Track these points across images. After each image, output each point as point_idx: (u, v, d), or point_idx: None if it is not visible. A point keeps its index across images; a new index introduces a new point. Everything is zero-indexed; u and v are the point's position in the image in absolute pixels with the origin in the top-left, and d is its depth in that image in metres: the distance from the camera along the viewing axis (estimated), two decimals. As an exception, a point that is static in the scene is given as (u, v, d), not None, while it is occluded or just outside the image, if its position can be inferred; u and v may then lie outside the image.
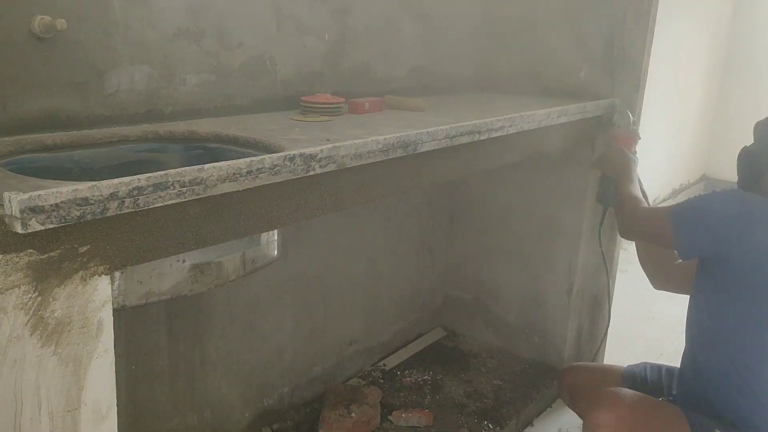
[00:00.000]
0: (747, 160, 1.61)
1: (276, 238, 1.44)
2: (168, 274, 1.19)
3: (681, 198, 4.44)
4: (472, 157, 1.67)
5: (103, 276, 0.91)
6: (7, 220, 0.80)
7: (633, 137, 2.17)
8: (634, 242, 2.06)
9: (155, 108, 1.52)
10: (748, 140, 1.67)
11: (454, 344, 2.72)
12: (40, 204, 0.80)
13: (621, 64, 2.28)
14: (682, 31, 4.29)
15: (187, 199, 0.98)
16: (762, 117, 1.68)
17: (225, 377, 1.92)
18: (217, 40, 1.62)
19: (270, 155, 1.11)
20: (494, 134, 1.67)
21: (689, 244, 1.59)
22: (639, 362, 1.97)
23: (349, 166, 1.26)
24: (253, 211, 1.13)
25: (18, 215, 0.78)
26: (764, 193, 1.57)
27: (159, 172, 0.93)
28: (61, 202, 0.82)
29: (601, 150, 2.19)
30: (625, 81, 2.29)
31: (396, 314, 2.60)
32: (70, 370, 0.90)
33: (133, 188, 0.89)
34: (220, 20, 1.62)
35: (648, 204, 1.99)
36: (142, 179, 0.90)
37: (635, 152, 2.14)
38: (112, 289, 0.94)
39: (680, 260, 1.73)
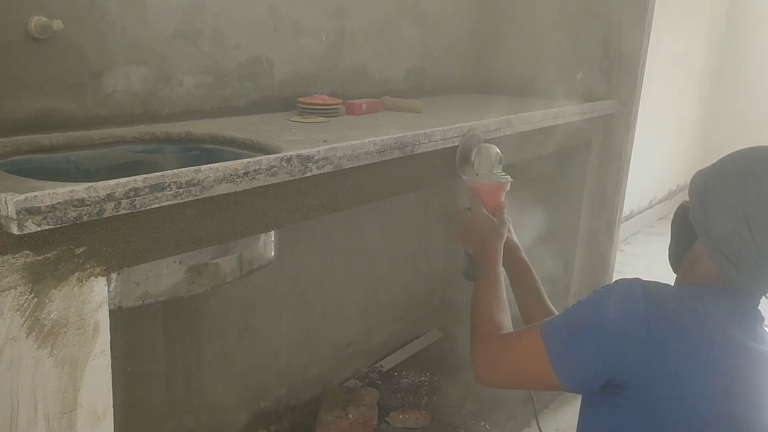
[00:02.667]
0: (679, 217, 1.20)
1: (273, 239, 1.44)
2: (164, 276, 1.19)
3: (678, 200, 4.46)
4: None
5: (99, 277, 0.91)
6: (2, 221, 0.80)
7: (499, 188, 1.47)
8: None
9: (152, 109, 1.52)
10: (744, 142, 1.41)
11: (451, 346, 2.72)
12: (36, 205, 0.80)
13: (618, 66, 2.28)
14: (679, 33, 4.30)
15: (183, 201, 0.97)
16: (746, 143, 1.24)
17: (222, 379, 1.91)
18: (213, 42, 1.62)
19: (267, 156, 1.11)
20: (491, 136, 1.67)
21: (577, 376, 1.08)
22: None
23: (346, 167, 1.26)
24: (250, 213, 1.13)
25: (14, 216, 0.78)
26: (686, 277, 1.15)
27: (155, 174, 0.93)
28: (58, 203, 0.82)
29: (458, 211, 1.51)
30: (621, 82, 2.29)
31: (393, 316, 2.60)
32: (66, 371, 0.89)
33: (130, 189, 0.89)
34: (216, 21, 1.62)
35: (538, 284, 1.47)
36: (138, 180, 0.90)
37: (504, 207, 1.47)
38: (109, 291, 0.94)
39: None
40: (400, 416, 2.16)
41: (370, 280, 2.43)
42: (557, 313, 1.33)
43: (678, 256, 1.18)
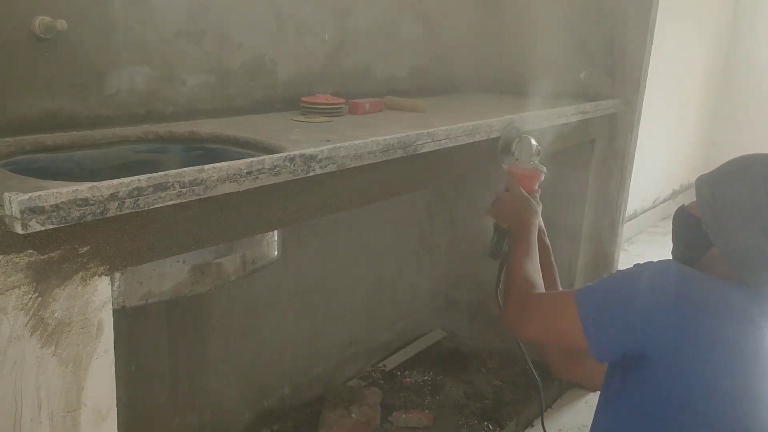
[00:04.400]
0: (688, 226, 1.21)
1: (276, 238, 1.44)
2: (168, 275, 1.19)
3: (681, 200, 4.45)
4: (472, 157, 1.67)
5: (103, 276, 0.91)
6: (7, 220, 0.80)
7: (536, 174, 1.61)
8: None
9: (155, 108, 1.52)
10: (748, 142, 1.52)
11: (455, 345, 2.72)
12: (40, 204, 0.80)
13: (621, 65, 2.28)
14: (683, 32, 4.29)
15: (187, 200, 0.97)
16: (747, 149, 1.25)
17: (225, 378, 1.92)
18: (217, 41, 1.62)
19: (270, 156, 1.11)
20: (494, 135, 1.67)
21: (605, 342, 1.13)
22: None
23: (350, 166, 1.26)
24: (253, 212, 1.13)
25: (18, 216, 0.78)
26: (707, 270, 1.18)
27: (159, 173, 0.93)
28: (62, 202, 0.82)
29: (495, 192, 1.61)
30: (625, 82, 2.29)
31: (396, 315, 2.60)
32: (70, 370, 0.90)
33: (134, 189, 0.89)
34: (220, 21, 1.62)
35: (554, 269, 1.55)
36: (142, 180, 0.90)
37: (538, 193, 1.60)
38: (112, 290, 0.94)
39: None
40: (403, 416, 2.16)
41: (374, 280, 2.43)
42: None
43: (689, 262, 1.20)
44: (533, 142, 1.64)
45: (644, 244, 4.21)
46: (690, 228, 1.21)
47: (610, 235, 2.39)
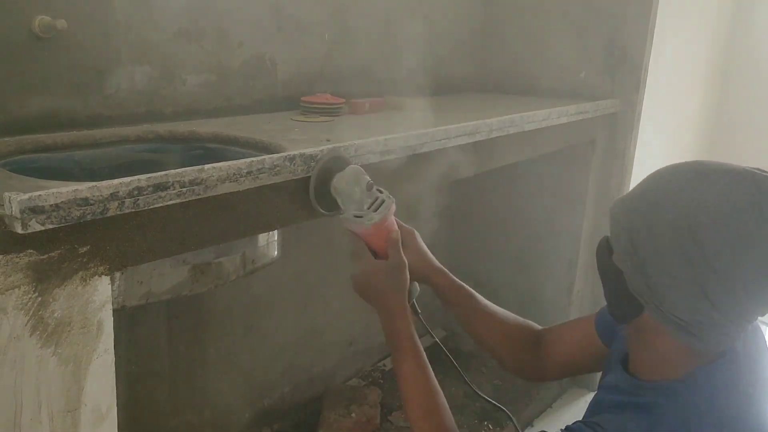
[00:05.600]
0: (613, 278, 0.96)
1: (276, 238, 1.44)
2: (168, 275, 1.19)
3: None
4: (472, 157, 1.67)
5: (103, 276, 0.91)
6: (7, 220, 0.80)
7: (381, 226, 1.13)
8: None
9: (155, 108, 1.52)
10: (748, 142, 1.20)
11: (455, 344, 2.72)
12: (40, 204, 0.80)
13: (621, 65, 2.28)
14: (684, 31, 4.28)
15: (187, 200, 0.97)
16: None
17: (225, 377, 1.92)
18: (217, 41, 1.62)
19: (270, 155, 1.11)
20: (494, 134, 1.67)
21: None
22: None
23: (350, 166, 1.25)
24: (253, 212, 1.13)
25: (18, 215, 0.78)
26: (645, 351, 0.95)
27: (159, 173, 0.93)
28: (61, 202, 0.82)
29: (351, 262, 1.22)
30: (625, 81, 2.29)
31: (396, 314, 2.60)
32: (69, 370, 0.90)
33: (133, 188, 0.89)
34: (220, 20, 1.62)
35: (488, 311, 1.30)
36: (142, 179, 0.90)
37: (395, 241, 1.16)
38: (112, 290, 0.94)
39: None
40: (403, 415, 2.16)
41: (374, 279, 2.43)
42: (517, 320, 1.27)
43: (623, 320, 0.98)
44: (356, 178, 1.12)
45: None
46: (614, 281, 0.95)
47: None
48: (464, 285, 1.31)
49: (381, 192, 1.15)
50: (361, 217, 1.12)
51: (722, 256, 0.82)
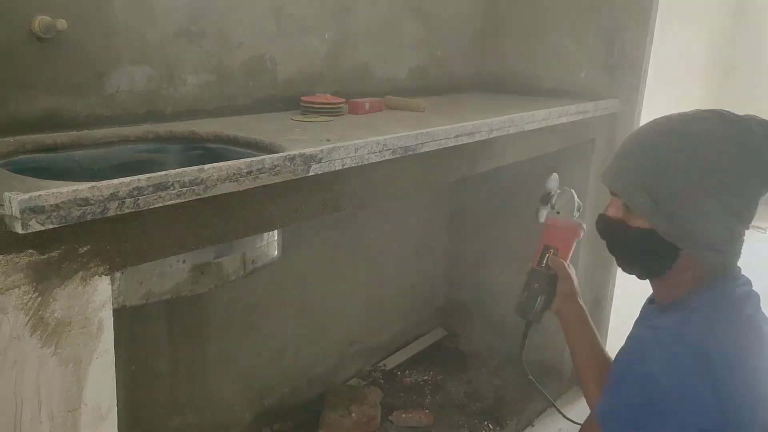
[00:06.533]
0: (642, 241, 1.09)
1: (276, 238, 1.44)
2: (168, 275, 1.19)
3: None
4: (472, 157, 1.67)
5: (103, 276, 0.91)
6: (7, 220, 0.80)
7: (576, 230, 1.47)
8: None
9: (155, 108, 1.52)
10: None
11: (455, 344, 2.72)
12: (40, 204, 0.80)
13: (621, 65, 2.28)
14: (683, 32, 4.28)
15: (187, 200, 0.97)
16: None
17: (225, 377, 1.92)
18: (217, 41, 1.62)
19: (270, 155, 1.11)
20: (494, 134, 1.67)
21: None
22: None
23: (350, 166, 1.26)
24: (254, 212, 1.13)
25: (18, 215, 0.78)
26: (672, 287, 1.09)
27: (159, 173, 0.93)
28: (62, 202, 0.82)
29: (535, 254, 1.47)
30: (625, 82, 2.29)
31: (396, 314, 2.60)
32: (70, 370, 0.90)
33: (134, 188, 0.89)
34: (220, 20, 1.62)
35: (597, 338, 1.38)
36: (142, 179, 0.90)
37: (571, 251, 1.46)
38: (113, 290, 0.94)
39: None
40: (404, 415, 2.16)
41: (374, 279, 2.43)
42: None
43: (663, 269, 1.09)
44: (575, 196, 1.51)
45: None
46: (642, 242, 1.07)
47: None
48: (588, 317, 1.40)
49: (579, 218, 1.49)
50: (571, 216, 1.47)
51: (732, 173, 0.98)
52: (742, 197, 1.00)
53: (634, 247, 1.10)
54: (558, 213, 1.49)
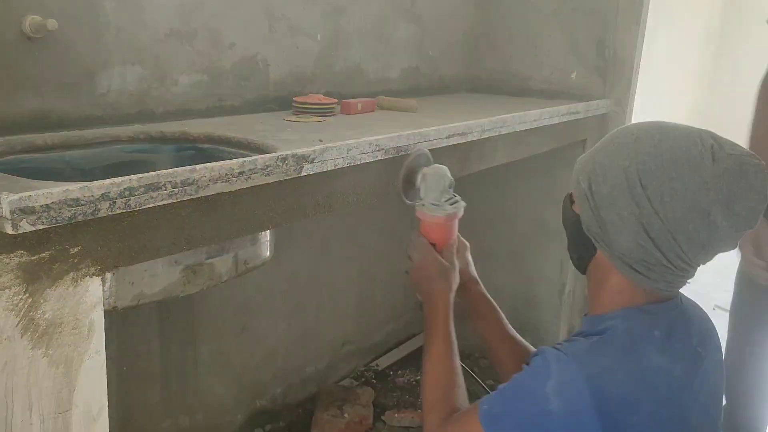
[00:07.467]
0: (571, 223, 1.09)
1: (268, 238, 1.44)
2: (160, 275, 1.19)
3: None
4: (464, 158, 1.68)
5: (94, 277, 0.91)
6: (-3, 221, 0.79)
7: (449, 221, 1.27)
8: None
9: (147, 108, 1.51)
10: (736, 141, 1.20)
11: (447, 345, 2.73)
12: (30, 205, 0.79)
13: (612, 66, 2.29)
14: (674, 32, 4.31)
15: (178, 200, 0.97)
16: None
17: (217, 378, 1.91)
18: (209, 41, 1.62)
19: (262, 156, 1.11)
20: (486, 135, 1.67)
21: None
22: None
23: (342, 167, 1.26)
24: (246, 212, 1.13)
25: (8, 216, 0.78)
26: (599, 290, 1.06)
27: (150, 173, 0.92)
28: (52, 202, 0.82)
29: (408, 251, 1.31)
30: (616, 82, 2.30)
31: (389, 315, 2.60)
32: (61, 371, 0.89)
33: (125, 189, 0.89)
34: (212, 21, 1.62)
35: (504, 326, 1.36)
36: (133, 180, 0.90)
37: (453, 245, 1.29)
38: (104, 291, 0.94)
39: None
40: (396, 415, 2.16)
41: (367, 279, 2.43)
42: (527, 345, 1.33)
43: (582, 264, 1.09)
44: (444, 173, 1.28)
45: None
46: (572, 226, 1.07)
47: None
48: (493, 302, 1.39)
49: (456, 195, 1.30)
50: (437, 206, 1.27)
51: (664, 199, 0.92)
52: (666, 224, 0.92)
53: (568, 230, 1.12)
54: (423, 204, 1.29)
